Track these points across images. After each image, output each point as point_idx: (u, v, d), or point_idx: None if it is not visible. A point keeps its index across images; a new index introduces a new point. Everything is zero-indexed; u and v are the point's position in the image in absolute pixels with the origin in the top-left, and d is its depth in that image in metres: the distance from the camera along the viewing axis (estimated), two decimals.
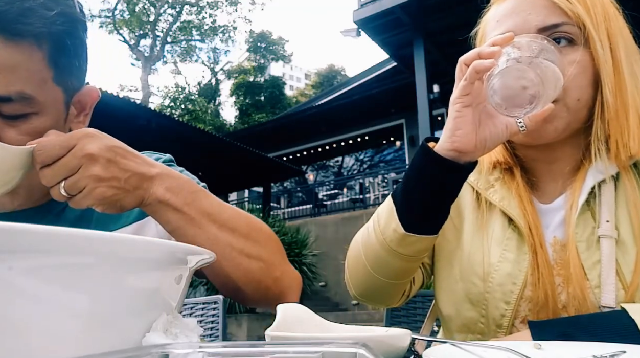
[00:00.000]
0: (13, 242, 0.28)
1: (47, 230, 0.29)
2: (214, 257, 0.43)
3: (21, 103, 0.58)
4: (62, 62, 0.62)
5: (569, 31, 0.65)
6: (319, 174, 15.90)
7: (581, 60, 0.65)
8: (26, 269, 0.29)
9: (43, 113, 0.61)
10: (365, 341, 0.28)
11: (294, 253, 7.82)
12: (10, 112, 0.58)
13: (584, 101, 0.66)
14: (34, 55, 0.58)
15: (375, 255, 0.70)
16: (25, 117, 0.59)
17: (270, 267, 0.66)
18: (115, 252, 0.33)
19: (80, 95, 0.68)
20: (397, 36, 7.35)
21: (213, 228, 0.62)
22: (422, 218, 0.65)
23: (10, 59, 0.56)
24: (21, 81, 0.57)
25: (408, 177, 0.66)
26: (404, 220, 0.65)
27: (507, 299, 0.67)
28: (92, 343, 0.32)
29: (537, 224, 0.69)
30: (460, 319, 0.72)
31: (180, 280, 0.40)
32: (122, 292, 0.34)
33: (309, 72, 51.17)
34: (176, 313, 0.39)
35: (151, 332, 0.35)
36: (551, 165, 0.73)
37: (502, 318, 0.68)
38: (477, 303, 0.70)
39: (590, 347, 0.46)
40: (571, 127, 0.68)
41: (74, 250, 0.31)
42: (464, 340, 0.72)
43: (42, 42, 0.58)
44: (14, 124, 0.59)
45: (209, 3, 22.29)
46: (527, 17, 0.67)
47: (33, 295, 0.29)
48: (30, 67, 0.58)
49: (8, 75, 0.56)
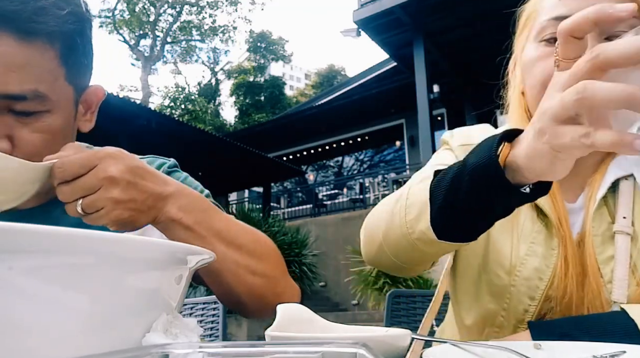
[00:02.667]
0: (13, 242, 0.28)
1: (47, 230, 0.29)
2: (213, 257, 0.43)
3: (34, 101, 0.58)
4: (73, 60, 0.62)
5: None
6: (319, 173, 15.90)
7: None
8: (26, 269, 0.29)
9: (55, 111, 0.61)
10: (365, 341, 0.28)
11: (294, 253, 7.82)
12: (23, 109, 0.58)
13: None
14: (46, 54, 0.58)
15: (396, 242, 0.62)
16: (38, 114, 0.60)
17: (273, 282, 0.67)
18: (116, 252, 0.33)
19: (87, 94, 0.69)
20: (397, 36, 7.35)
21: (221, 246, 0.62)
22: (461, 230, 0.55)
23: (25, 57, 0.56)
24: (35, 79, 0.58)
25: (458, 187, 0.51)
26: (438, 227, 0.54)
27: (532, 294, 0.65)
28: (92, 343, 0.32)
29: (567, 218, 0.67)
30: (479, 311, 0.70)
31: (180, 280, 0.40)
32: (122, 292, 0.34)
33: (309, 72, 51.17)
34: (176, 313, 0.39)
35: (151, 332, 0.35)
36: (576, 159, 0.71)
37: (525, 313, 0.66)
38: (499, 296, 0.67)
39: (590, 347, 0.46)
40: None
41: (74, 250, 0.31)
42: (480, 332, 0.70)
43: (55, 41, 0.59)
44: (26, 121, 0.59)
45: (209, 3, 22.29)
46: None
47: (33, 295, 0.29)
48: (43, 66, 0.58)
49: (22, 73, 0.56)
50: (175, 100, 19.91)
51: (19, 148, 0.59)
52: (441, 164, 0.74)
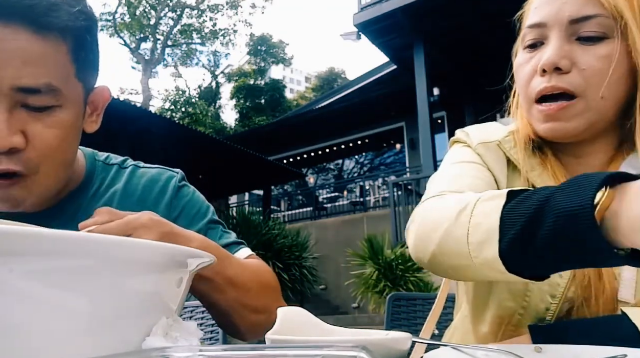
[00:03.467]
0: (14, 245, 0.28)
1: (47, 232, 0.29)
2: (214, 260, 0.43)
3: (48, 95, 0.59)
4: (83, 57, 0.63)
5: (602, 24, 0.62)
6: (319, 176, 15.89)
7: (609, 55, 0.61)
8: (27, 272, 0.29)
9: (67, 107, 0.62)
10: (366, 344, 0.28)
11: (294, 256, 7.80)
12: (37, 104, 0.59)
13: (611, 98, 0.63)
14: (59, 49, 0.59)
15: (455, 259, 0.55)
16: (51, 109, 0.60)
17: (272, 315, 0.71)
18: (115, 255, 0.33)
19: (93, 94, 0.69)
20: (397, 39, 7.35)
21: (233, 292, 0.64)
22: (538, 268, 0.48)
23: (39, 51, 0.57)
24: (49, 73, 0.58)
25: (539, 221, 0.44)
26: (510, 259, 0.48)
27: (553, 292, 0.64)
28: (92, 346, 0.32)
29: None
30: (496, 309, 0.69)
31: (180, 284, 0.40)
32: (122, 295, 0.34)
33: (309, 75, 51.20)
34: (176, 317, 0.39)
35: (151, 336, 0.35)
36: (579, 159, 0.71)
37: (546, 312, 0.65)
38: (518, 294, 0.66)
39: (591, 350, 0.46)
40: (596, 126, 0.65)
41: (75, 253, 0.31)
42: (496, 331, 0.70)
43: (67, 36, 0.60)
44: (40, 116, 0.60)
45: (210, 6, 22.33)
46: (562, 6, 0.64)
47: (33, 298, 0.29)
48: (56, 60, 0.59)
49: (37, 67, 0.57)
50: (176, 103, 19.92)
51: (32, 144, 0.59)
52: (466, 161, 0.72)
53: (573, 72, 0.63)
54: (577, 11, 0.63)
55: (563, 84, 0.63)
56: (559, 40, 0.64)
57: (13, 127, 0.57)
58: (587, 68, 0.62)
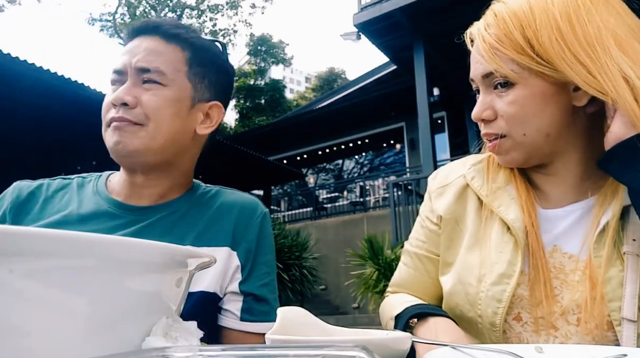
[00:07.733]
0: (14, 245, 0.28)
1: (47, 232, 0.29)
2: (214, 260, 0.43)
3: (155, 74, 0.80)
4: (196, 67, 0.85)
5: (504, 74, 0.67)
6: (319, 176, 15.89)
7: (517, 100, 0.67)
8: (27, 272, 0.29)
9: (170, 88, 0.81)
10: (366, 344, 0.28)
11: (294, 256, 7.81)
12: (148, 78, 0.80)
13: (535, 132, 0.67)
14: (177, 53, 0.83)
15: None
16: (157, 85, 0.80)
17: None
18: (115, 255, 0.33)
19: (210, 106, 0.88)
20: (397, 39, 7.35)
21: None
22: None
23: (159, 49, 0.82)
24: (161, 62, 0.81)
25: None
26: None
27: (499, 297, 0.69)
28: (92, 346, 0.32)
29: (535, 227, 0.70)
30: (464, 321, 0.73)
31: (180, 283, 0.40)
32: (122, 295, 0.34)
33: (309, 75, 51.23)
34: (176, 317, 0.39)
35: (151, 336, 0.35)
36: (549, 177, 0.74)
37: (494, 316, 0.69)
38: (474, 304, 0.71)
39: (591, 350, 0.46)
40: (538, 153, 0.70)
41: (75, 252, 0.31)
42: (471, 342, 0.72)
43: (185, 48, 0.84)
44: (149, 88, 0.80)
45: (210, 7, 22.35)
46: (476, 66, 0.72)
47: (33, 298, 0.29)
48: (172, 58, 0.82)
49: (154, 56, 0.81)
50: None
51: (140, 105, 0.79)
52: (421, 219, 0.86)
53: (498, 118, 0.71)
54: (483, 69, 0.70)
55: (491, 130, 0.72)
56: (483, 94, 0.73)
57: (130, 94, 0.78)
58: (503, 114, 0.69)
